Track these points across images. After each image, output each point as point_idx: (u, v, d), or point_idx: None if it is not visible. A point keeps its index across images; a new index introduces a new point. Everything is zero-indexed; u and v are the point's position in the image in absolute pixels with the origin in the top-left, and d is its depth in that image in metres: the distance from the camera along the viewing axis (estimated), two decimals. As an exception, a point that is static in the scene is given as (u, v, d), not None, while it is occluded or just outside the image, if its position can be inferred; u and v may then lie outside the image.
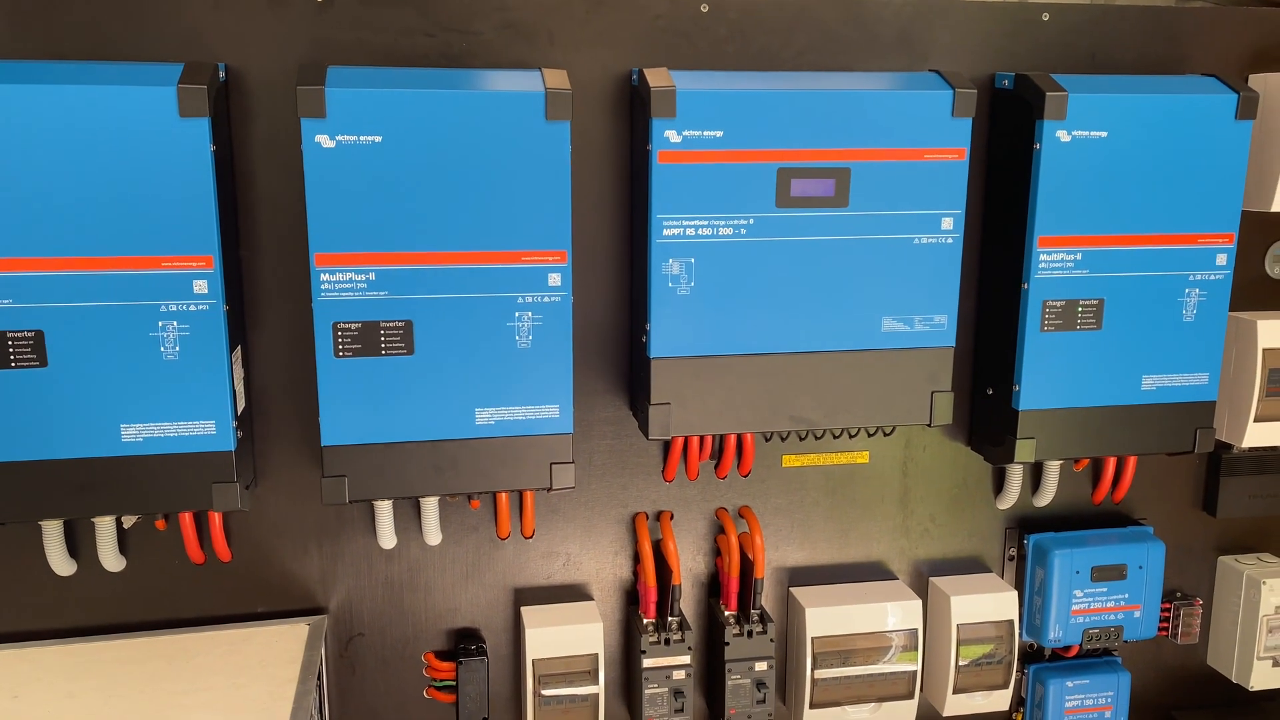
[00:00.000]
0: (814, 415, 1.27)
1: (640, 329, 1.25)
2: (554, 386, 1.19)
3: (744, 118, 1.18)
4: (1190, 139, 1.27)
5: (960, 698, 1.46)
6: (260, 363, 1.26)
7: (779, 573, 1.46)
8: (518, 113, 1.11)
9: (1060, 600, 1.45)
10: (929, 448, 1.46)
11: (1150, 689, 1.61)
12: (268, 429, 1.28)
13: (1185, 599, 1.57)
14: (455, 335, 1.15)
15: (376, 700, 1.39)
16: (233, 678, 1.18)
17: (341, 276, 1.12)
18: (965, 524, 1.50)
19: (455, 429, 1.17)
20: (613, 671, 1.43)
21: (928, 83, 1.23)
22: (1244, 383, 1.43)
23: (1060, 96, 1.23)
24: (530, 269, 1.15)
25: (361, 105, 1.09)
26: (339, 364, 1.13)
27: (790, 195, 1.21)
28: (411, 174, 1.11)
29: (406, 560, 1.35)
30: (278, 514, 1.31)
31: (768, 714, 1.39)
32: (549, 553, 1.39)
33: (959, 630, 1.43)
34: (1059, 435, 1.33)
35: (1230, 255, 1.33)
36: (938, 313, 1.26)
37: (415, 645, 1.38)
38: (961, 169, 1.23)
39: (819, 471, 1.44)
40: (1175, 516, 1.56)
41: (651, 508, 1.41)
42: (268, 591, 1.33)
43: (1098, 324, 1.30)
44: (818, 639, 1.39)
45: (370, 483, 1.17)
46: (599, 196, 1.29)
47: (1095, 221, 1.28)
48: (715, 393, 1.24)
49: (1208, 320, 1.34)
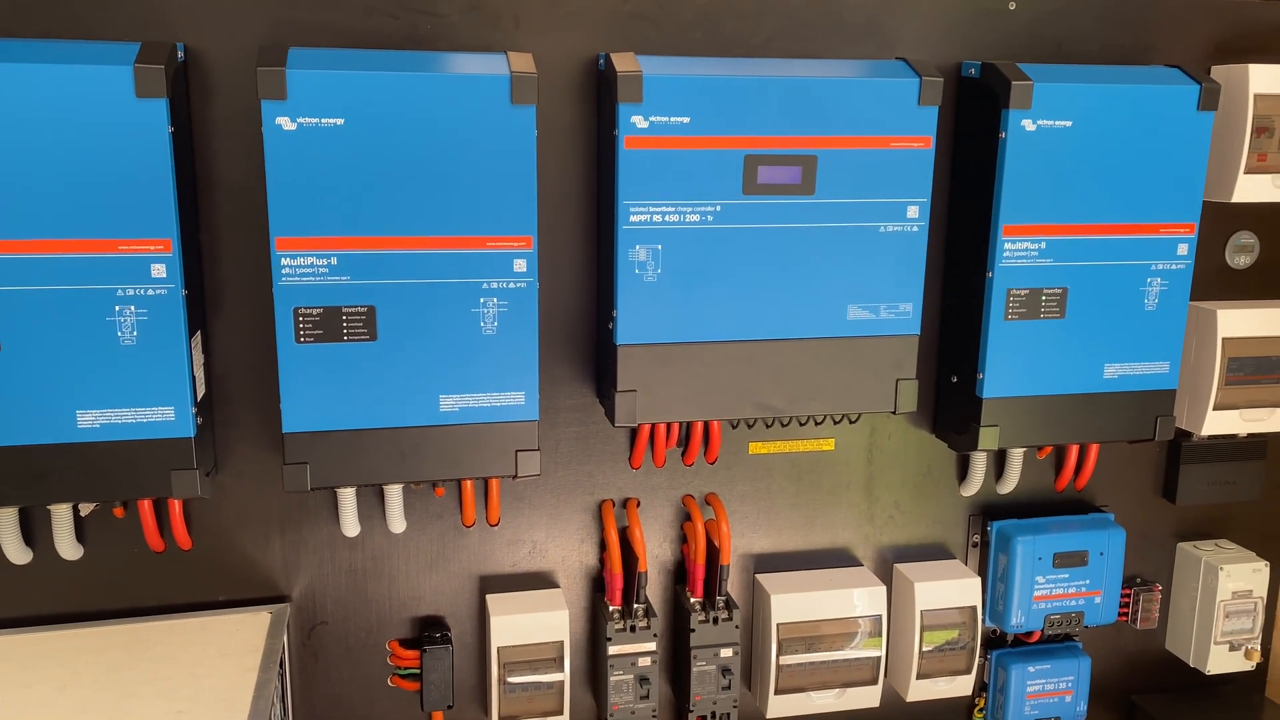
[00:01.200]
0: (780, 402, 1.27)
1: (607, 315, 1.25)
2: (519, 373, 1.18)
3: (711, 104, 1.17)
4: (1153, 129, 1.28)
5: (924, 683, 1.47)
6: (221, 348, 1.24)
7: (745, 559, 1.47)
8: (482, 96, 1.10)
9: (1023, 586, 1.47)
10: (894, 435, 1.47)
11: (1110, 673, 1.63)
12: (229, 415, 1.26)
13: (1145, 585, 1.59)
14: (419, 321, 1.14)
15: (340, 689, 1.38)
16: (192, 667, 1.16)
17: (303, 261, 1.10)
18: (929, 511, 1.51)
19: (419, 416, 1.16)
20: (578, 659, 1.43)
21: (895, 71, 1.23)
22: (1204, 371, 1.45)
23: (1026, 86, 1.24)
24: (495, 254, 1.14)
25: (323, 87, 1.07)
26: (300, 350, 1.12)
27: (757, 182, 1.20)
28: (374, 157, 1.09)
29: (370, 548, 1.34)
30: (239, 501, 1.29)
31: (733, 700, 1.39)
32: (515, 540, 1.39)
33: (923, 616, 1.45)
34: (1022, 423, 1.34)
35: (1191, 245, 1.34)
36: (903, 301, 1.27)
37: (379, 633, 1.37)
38: (927, 157, 1.23)
39: (785, 459, 1.45)
40: (1136, 503, 1.58)
41: (618, 495, 1.41)
42: (229, 580, 1.31)
43: (1061, 313, 1.31)
44: (783, 625, 1.40)
45: (332, 470, 1.16)
46: (566, 182, 1.28)
47: (1059, 211, 1.29)
48: (682, 380, 1.24)
49: (1169, 309, 1.35)
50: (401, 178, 1.10)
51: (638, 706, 1.36)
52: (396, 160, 1.10)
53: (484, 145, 1.11)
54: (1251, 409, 1.47)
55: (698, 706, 1.39)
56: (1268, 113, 1.37)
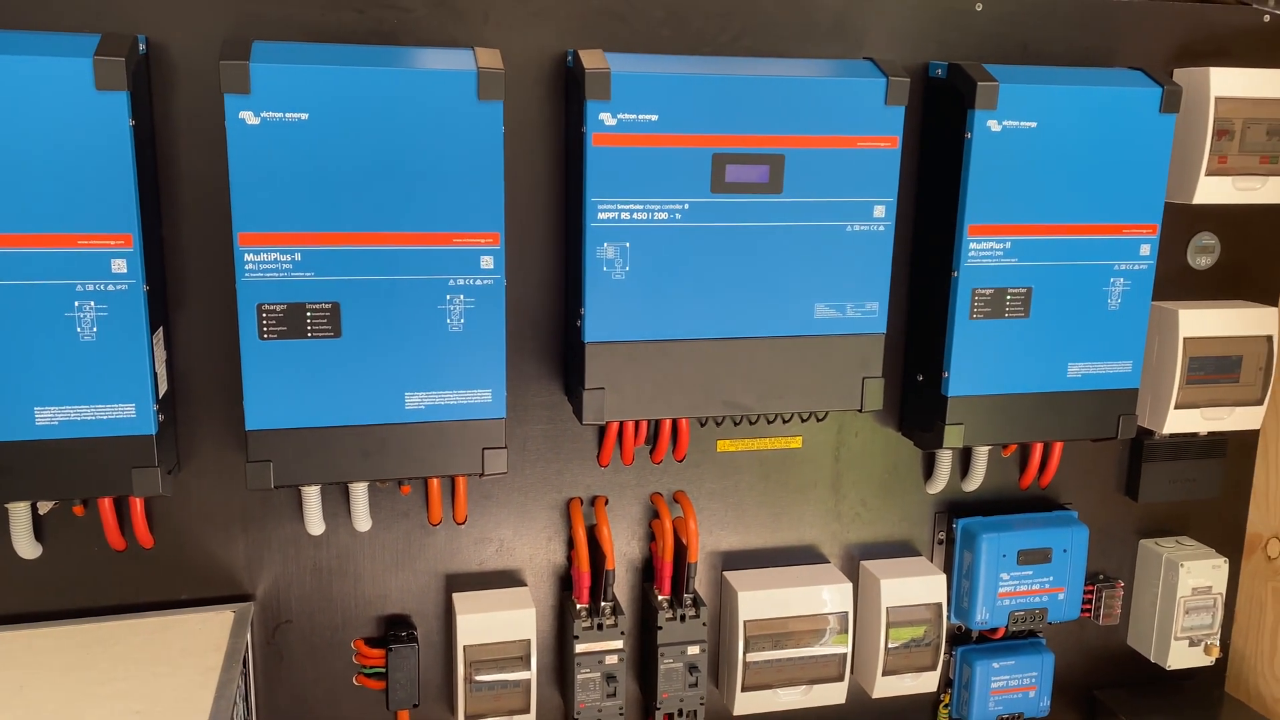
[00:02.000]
0: (748, 400, 1.28)
1: (575, 313, 1.25)
2: (486, 371, 1.18)
3: (679, 102, 1.17)
4: (1116, 131, 1.30)
5: (890, 679, 1.48)
6: (183, 344, 1.23)
7: (713, 557, 1.47)
8: (449, 92, 1.10)
9: (987, 583, 1.48)
10: (861, 433, 1.47)
11: (1073, 669, 1.65)
12: (191, 412, 1.25)
13: (1107, 581, 1.61)
14: (384, 318, 1.13)
15: (305, 688, 1.37)
16: (153, 667, 1.15)
17: (266, 257, 1.09)
18: (896, 508, 1.52)
19: (384, 413, 1.15)
20: (546, 657, 1.43)
21: (862, 70, 1.24)
22: (1165, 370, 1.46)
23: (991, 86, 1.25)
24: (462, 251, 1.14)
25: (287, 81, 1.06)
26: (264, 346, 1.11)
27: (725, 181, 1.21)
28: (339, 153, 1.08)
29: (335, 546, 1.33)
30: (202, 499, 1.28)
31: (700, 697, 1.40)
32: (481, 538, 1.38)
33: (889, 613, 1.45)
34: (987, 421, 1.35)
35: (1154, 246, 1.36)
36: (869, 300, 1.27)
37: (344, 632, 1.36)
38: (894, 157, 1.24)
39: (753, 456, 1.45)
40: (1099, 501, 1.59)
41: (586, 493, 1.41)
42: (192, 578, 1.30)
43: (1025, 312, 1.33)
44: (750, 622, 1.40)
45: (296, 468, 1.15)
46: (534, 179, 1.28)
47: (1024, 211, 1.30)
48: (650, 378, 1.24)
49: (1131, 309, 1.37)
50: (366, 173, 1.10)
51: (604, 705, 1.36)
52: (361, 156, 1.09)
53: (450, 141, 1.11)
54: (1211, 408, 1.49)
55: (665, 704, 1.39)
56: (1228, 115, 1.39)
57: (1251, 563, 1.67)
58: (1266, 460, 1.63)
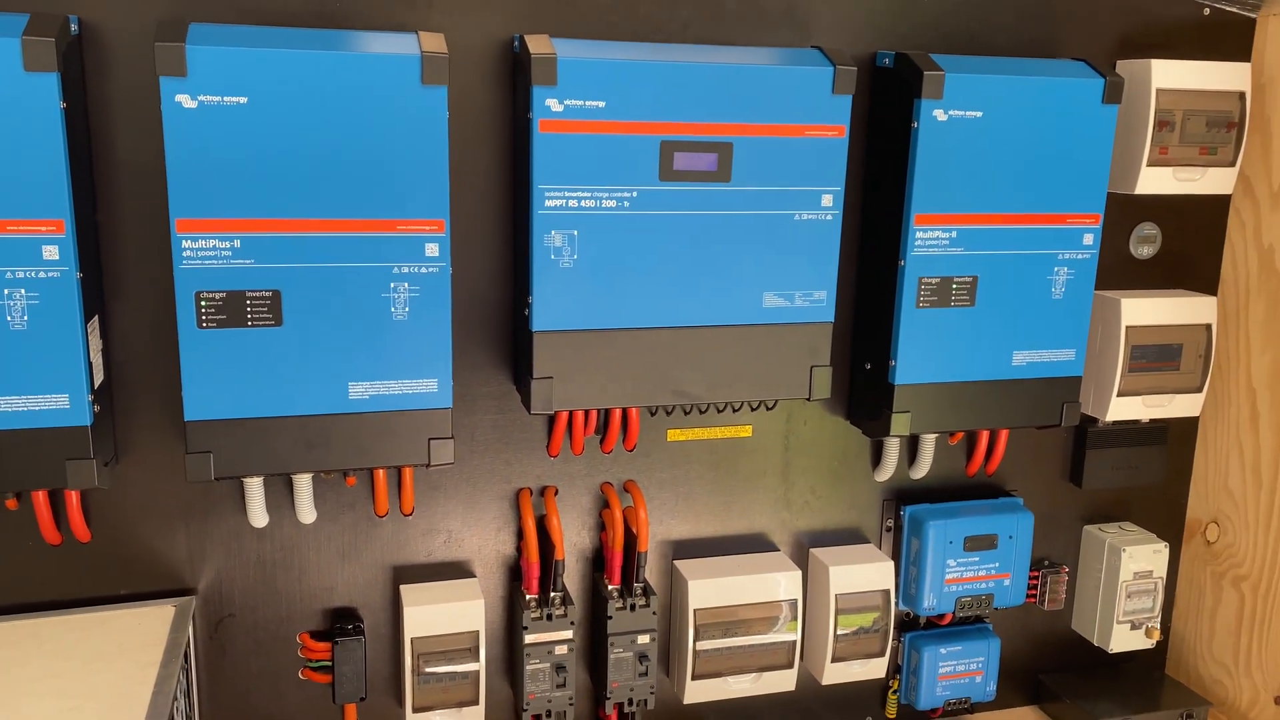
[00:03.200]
0: (696, 389, 1.27)
1: (523, 302, 1.24)
2: (432, 360, 1.16)
3: (627, 88, 1.16)
4: (1059, 121, 1.31)
5: (839, 666, 1.49)
6: (120, 334, 1.20)
7: (663, 546, 1.47)
8: (392, 76, 1.08)
9: (934, 570, 1.49)
10: (810, 422, 1.48)
11: (1019, 653, 1.68)
12: (129, 403, 1.22)
13: (1052, 567, 1.64)
14: (326, 306, 1.11)
15: (249, 683, 1.35)
16: (89, 663, 1.12)
17: (205, 244, 1.07)
18: (845, 496, 1.53)
19: (327, 403, 1.13)
20: (495, 648, 1.42)
21: (809, 59, 1.24)
22: (1108, 359, 1.49)
23: (937, 76, 1.25)
24: (406, 238, 1.12)
25: (225, 64, 1.04)
26: (202, 335, 1.09)
27: (673, 169, 1.20)
28: (279, 138, 1.06)
29: (279, 539, 1.31)
30: (142, 492, 1.25)
31: (650, 686, 1.40)
32: (429, 530, 1.37)
33: (837, 600, 1.46)
34: (933, 409, 1.37)
35: (1096, 235, 1.38)
36: (817, 289, 1.28)
37: (289, 626, 1.34)
38: (841, 146, 1.24)
39: (703, 445, 1.45)
40: (1044, 488, 1.62)
41: (536, 483, 1.40)
42: (131, 573, 1.27)
43: (971, 301, 1.34)
44: (700, 611, 1.40)
45: (237, 459, 1.13)
46: (481, 166, 1.27)
47: (969, 200, 1.31)
48: (598, 367, 1.23)
49: (1075, 298, 1.39)
50: (308, 159, 1.08)
51: (554, 695, 1.36)
52: (302, 141, 1.07)
53: (394, 127, 1.09)
54: (1153, 395, 1.51)
55: (615, 694, 1.39)
56: (1169, 107, 1.41)
57: (1191, 547, 1.71)
58: (1205, 447, 1.66)
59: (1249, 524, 1.60)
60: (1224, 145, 1.46)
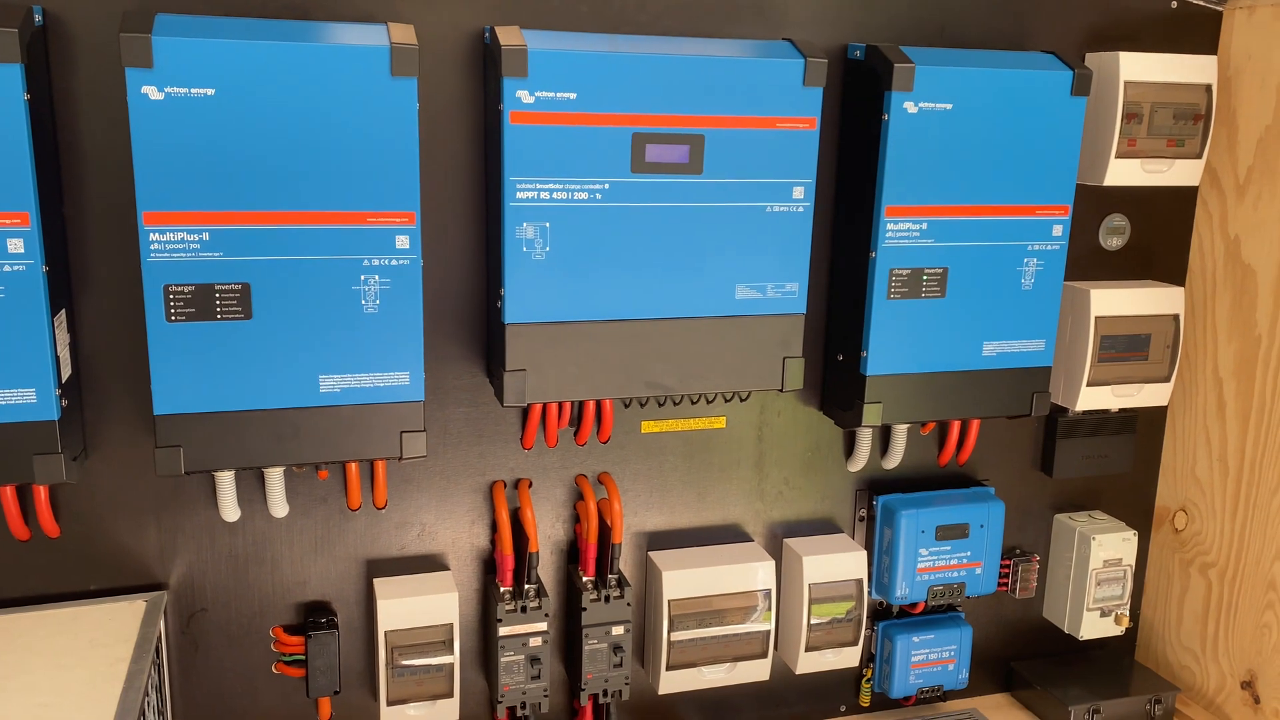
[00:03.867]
0: (669, 381, 1.28)
1: (495, 294, 1.23)
2: (403, 353, 1.16)
3: (598, 80, 1.16)
4: (1028, 113, 1.32)
5: (813, 655, 1.50)
6: (88, 327, 1.19)
7: (638, 537, 1.47)
8: (361, 68, 1.07)
9: (907, 559, 1.50)
10: (783, 413, 1.49)
11: (991, 641, 1.69)
12: (98, 397, 1.21)
13: (1023, 555, 1.65)
14: (297, 299, 1.11)
15: (222, 678, 1.34)
16: (60, 658, 1.12)
17: (173, 236, 1.06)
18: (818, 486, 1.53)
19: (298, 397, 1.13)
20: (470, 640, 1.42)
21: (780, 51, 1.24)
22: (1078, 349, 1.50)
23: (908, 68, 1.26)
24: (376, 230, 1.12)
25: (192, 56, 1.03)
26: (171, 328, 1.08)
27: (645, 160, 1.20)
28: (247, 130, 1.06)
29: (252, 533, 1.31)
30: (112, 487, 1.24)
31: (624, 677, 1.40)
32: (403, 523, 1.37)
33: (811, 590, 1.47)
34: (905, 400, 1.37)
35: (1066, 227, 1.39)
36: (789, 280, 1.28)
37: (263, 620, 1.34)
38: (812, 138, 1.25)
39: (677, 437, 1.46)
40: (1015, 477, 1.63)
41: (510, 476, 1.40)
42: (101, 568, 1.26)
43: (942, 292, 1.35)
44: (674, 601, 1.41)
45: (208, 453, 1.12)
46: (452, 158, 1.26)
47: (940, 192, 1.31)
48: (572, 359, 1.23)
49: (1044, 289, 1.40)
50: (277, 151, 1.07)
51: (529, 686, 1.36)
52: (271, 133, 1.06)
53: (364, 118, 1.09)
54: (1122, 385, 1.53)
55: (589, 685, 1.39)
56: (1137, 99, 1.42)
57: (1160, 535, 1.73)
58: (1174, 436, 1.68)
59: (1216, 512, 1.62)
60: (1191, 137, 1.47)
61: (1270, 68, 1.47)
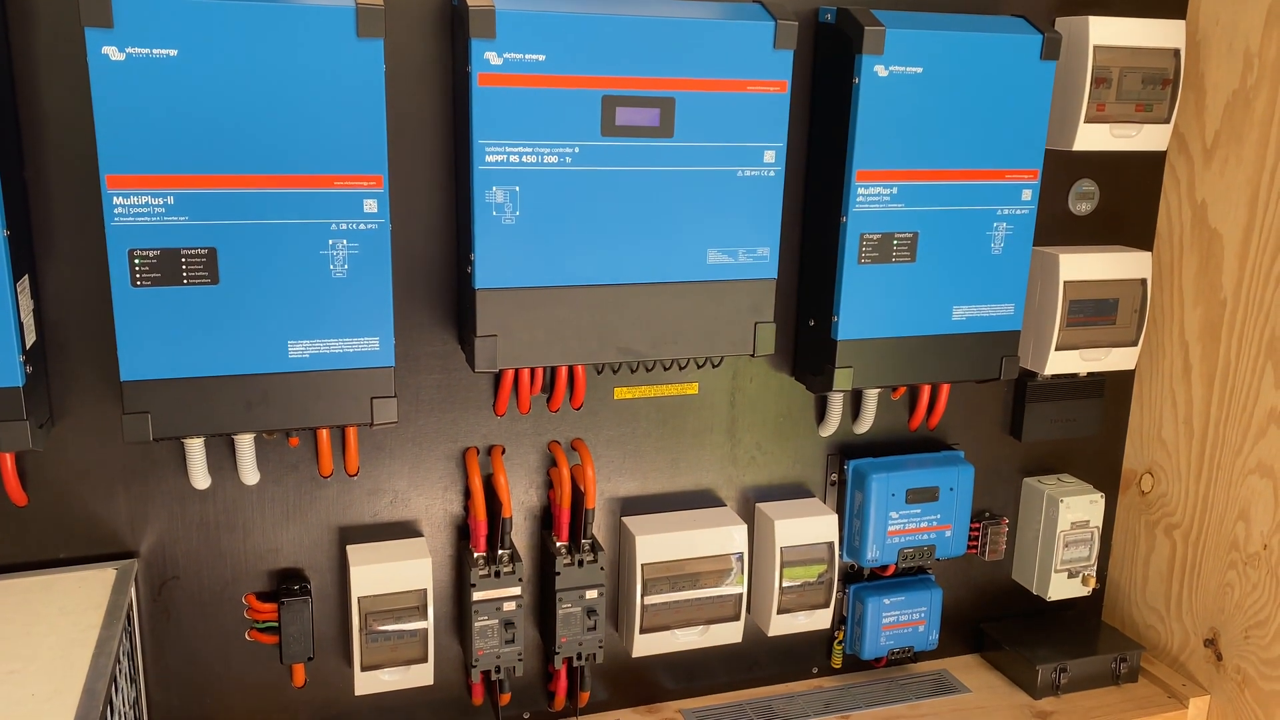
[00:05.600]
0: (641, 347, 1.28)
1: (465, 259, 1.23)
2: (373, 318, 1.15)
3: (567, 42, 1.15)
4: (998, 78, 1.32)
5: (784, 618, 1.51)
6: (53, 293, 1.18)
7: (611, 503, 1.48)
8: (326, 28, 1.06)
9: (877, 522, 1.52)
10: (755, 379, 1.49)
11: (961, 603, 1.71)
12: (64, 364, 1.20)
13: (993, 518, 1.67)
14: (264, 264, 1.10)
15: (195, 645, 1.34)
16: (28, 626, 1.11)
17: (137, 200, 1.05)
18: (790, 451, 1.54)
19: (266, 363, 1.12)
20: (444, 606, 1.42)
21: (751, 13, 1.23)
22: (1046, 313, 1.51)
23: (878, 31, 1.26)
24: (343, 194, 1.11)
25: (153, 15, 1.01)
26: (137, 294, 1.07)
27: (615, 124, 1.20)
28: (211, 91, 1.04)
29: (222, 500, 1.30)
30: (79, 454, 1.23)
31: (598, 641, 1.41)
32: (375, 490, 1.36)
33: (783, 553, 1.49)
34: (875, 364, 1.38)
35: (1035, 191, 1.39)
36: (760, 245, 1.28)
37: (235, 587, 1.33)
38: (783, 101, 1.24)
39: (650, 403, 1.46)
40: (984, 441, 1.65)
41: (483, 442, 1.40)
42: (70, 537, 1.25)
43: (911, 257, 1.35)
44: (647, 565, 1.42)
45: (176, 420, 1.11)
46: (421, 121, 1.25)
47: (910, 156, 1.32)
48: (543, 324, 1.23)
49: (1014, 253, 1.41)
50: (241, 113, 1.06)
51: (503, 650, 1.37)
52: (235, 95, 1.05)
53: (329, 80, 1.07)
54: (1090, 349, 1.54)
55: (564, 648, 1.40)
56: (1106, 64, 1.43)
57: (1126, 497, 1.75)
58: (1140, 400, 1.71)
59: (1181, 474, 1.65)
60: (1159, 102, 1.48)
61: (1237, 32, 1.48)
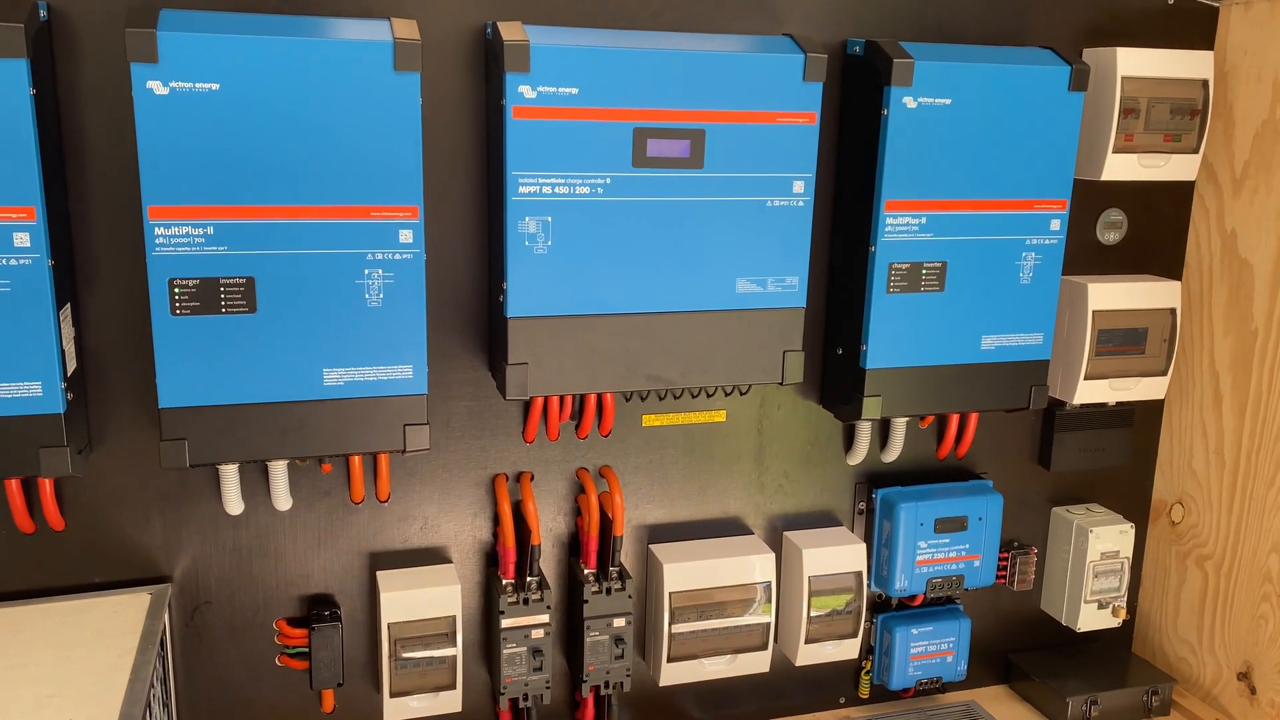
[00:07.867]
0: (670, 375, 1.29)
1: (497, 288, 1.24)
2: (407, 346, 1.17)
3: (600, 75, 1.17)
4: (1027, 108, 1.33)
5: (812, 647, 1.51)
6: (94, 321, 1.20)
7: (639, 530, 1.48)
8: (364, 63, 1.08)
9: (906, 552, 1.51)
10: (783, 406, 1.50)
11: (989, 633, 1.70)
12: (104, 391, 1.22)
13: (1021, 548, 1.66)
14: (300, 293, 1.11)
15: (226, 669, 1.35)
16: (66, 650, 1.12)
17: (178, 230, 1.07)
18: (817, 480, 1.54)
19: (302, 390, 1.14)
20: (472, 633, 1.43)
21: (780, 46, 1.25)
22: (1075, 343, 1.51)
23: (907, 63, 1.27)
24: (380, 225, 1.13)
25: (196, 51, 1.03)
26: (176, 322, 1.09)
27: (646, 155, 1.21)
28: (251, 124, 1.06)
29: (255, 526, 1.31)
30: (117, 480, 1.25)
31: (626, 669, 1.41)
32: (405, 516, 1.37)
33: (811, 582, 1.48)
34: (904, 393, 1.38)
35: (1064, 221, 1.40)
36: (789, 274, 1.29)
37: (266, 613, 1.35)
38: (812, 133, 1.25)
39: (678, 430, 1.47)
40: (1013, 470, 1.64)
41: (512, 469, 1.41)
42: (106, 561, 1.27)
43: (940, 286, 1.36)
44: (675, 594, 1.42)
45: (212, 446, 1.13)
46: (455, 153, 1.27)
47: (939, 187, 1.32)
48: (573, 353, 1.24)
49: (1042, 283, 1.41)
50: (280, 146, 1.08)
51: (531, 679, 1.37)
52: (275, 128, 1.07)
53: (367, 113, 1.09)
54: (1119, 378, 1.54)
55: (591, 676, 1.40)
56: (1134, 94, 1.43)
57: (1156, 528, 1.74)
58: (1170, 429, 1.70)
59: (1212, 504, 1.63)
60: (1188, 132, 1.48)
61: (1266, 62, 1.48)
